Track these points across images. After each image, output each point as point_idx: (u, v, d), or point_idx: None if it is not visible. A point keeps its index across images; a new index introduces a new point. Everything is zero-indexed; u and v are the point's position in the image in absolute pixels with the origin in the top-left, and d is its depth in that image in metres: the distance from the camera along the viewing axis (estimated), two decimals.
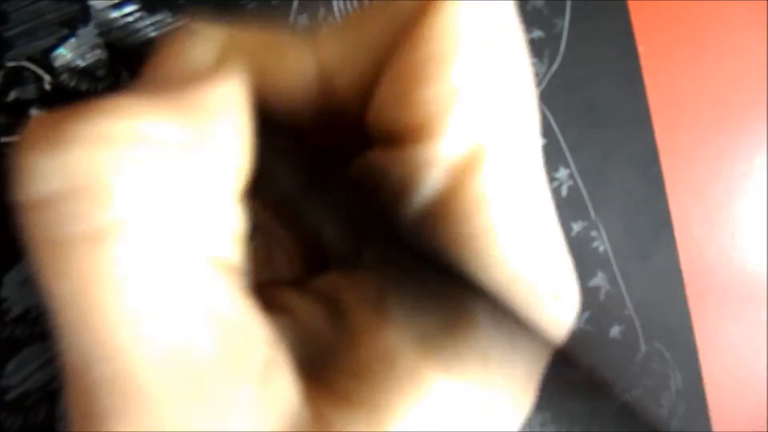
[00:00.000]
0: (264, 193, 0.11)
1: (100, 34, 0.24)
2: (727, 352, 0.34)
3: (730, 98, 0.33)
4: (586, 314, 0.32)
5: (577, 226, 0.31)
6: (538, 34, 0.29)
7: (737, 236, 0.34)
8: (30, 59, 0.23)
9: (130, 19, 0.24)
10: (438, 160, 0.10)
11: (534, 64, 0.30)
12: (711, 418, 0.34)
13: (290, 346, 0.10)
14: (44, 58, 0.23)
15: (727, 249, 0.34)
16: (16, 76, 0.24)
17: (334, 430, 0.10)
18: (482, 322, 0.10)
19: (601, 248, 0.32)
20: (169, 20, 0.24)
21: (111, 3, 0.24)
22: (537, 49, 0.30)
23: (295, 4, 0.26)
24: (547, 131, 0.30)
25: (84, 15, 0.24)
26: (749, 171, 0.34)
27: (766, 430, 0.35)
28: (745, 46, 0.33)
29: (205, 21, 0.11)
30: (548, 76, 0.30)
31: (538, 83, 0.30)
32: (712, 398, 0.34)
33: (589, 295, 0.32)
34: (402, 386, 0.10)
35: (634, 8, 0.31)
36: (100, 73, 0.24)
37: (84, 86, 0.24)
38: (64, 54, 0.24)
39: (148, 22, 0.24)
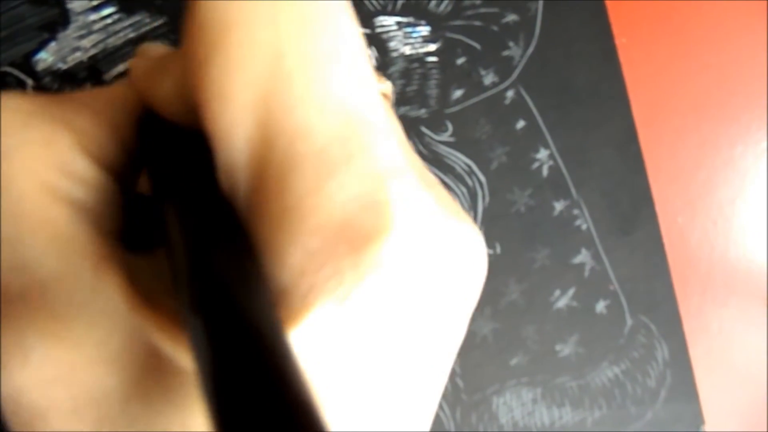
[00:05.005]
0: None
1: (80, 37, 0.24)
2: (713, 332, 0.35)
3: (711, 88, 0.33)
4: (572, 291, 0.32)
5: (559, 205, 0.32)
6: (512, 17, 0.30)
7: (720, 223, 0.35)
8: (12, 64, 0.24)
9: (109, 21, 0.24)
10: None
11: (510, 48, 0.30)
12: (697, 387, 0.35)
13: (142, 275, 0.12)
14: (26, 63, 0.24)
15: (710, 235, 0.35)
16: None
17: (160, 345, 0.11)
18: None
19: (584, 226, 0.32)
20: (147, 21, 0.25)
21: (90, 5, 0.24)
22: (512, 32, 0.30)
23: None
24: (526, 113, 0.31)
25: (63, 18, 0.24)
26: (730, 159, 0.34)
27: (749, 400, 0.36)
28: (728, 37, 0.33)
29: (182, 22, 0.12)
30: (524, 59, 0.30)
31: (515, 66, 0.30)
32: (697, 368, 0.35)
33: (573, 272, 0.32)
34: None
35: (611, 6, 0.31)
36: (82, 75, 0.24)
37: (67, 89, 0.24)
38: (46, 58, 0.24)
39: (126, 23, 0.25)
